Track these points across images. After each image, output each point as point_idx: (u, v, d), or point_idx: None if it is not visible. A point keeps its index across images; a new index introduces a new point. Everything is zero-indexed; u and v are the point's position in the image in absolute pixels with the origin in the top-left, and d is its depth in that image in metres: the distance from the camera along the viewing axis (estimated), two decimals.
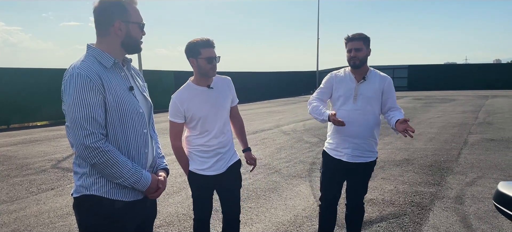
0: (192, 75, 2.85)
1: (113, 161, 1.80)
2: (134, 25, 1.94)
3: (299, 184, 5.55)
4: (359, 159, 3.09)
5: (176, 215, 4.43)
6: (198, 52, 2.62)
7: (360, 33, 3.04)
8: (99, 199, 1.87)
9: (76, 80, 1.75)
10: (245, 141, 3.09)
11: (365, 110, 3.05)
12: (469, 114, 14.00)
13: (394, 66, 37.43)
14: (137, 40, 1.97)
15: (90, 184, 1.86)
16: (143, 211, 2.06)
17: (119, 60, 1.95)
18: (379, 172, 6.12)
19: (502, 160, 6.78)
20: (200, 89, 2.73)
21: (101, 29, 1.91)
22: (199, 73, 2.69)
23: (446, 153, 7.47)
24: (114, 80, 1.87)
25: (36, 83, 14.69)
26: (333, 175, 3.23)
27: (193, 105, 2.68)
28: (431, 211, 4.38)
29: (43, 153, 8.39)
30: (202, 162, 2.78)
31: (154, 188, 2.00)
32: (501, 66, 40.72)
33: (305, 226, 4.07)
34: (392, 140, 8.96)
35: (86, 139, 1.75)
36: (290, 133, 10.41)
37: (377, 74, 3.14)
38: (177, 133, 2.77)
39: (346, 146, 3.10)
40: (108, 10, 1.88)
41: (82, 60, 1.85)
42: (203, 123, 2.71)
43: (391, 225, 4.01)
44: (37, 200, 5.10)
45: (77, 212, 1.94)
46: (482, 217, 4.15)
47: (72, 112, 1.75)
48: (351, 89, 3.08)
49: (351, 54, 3.02)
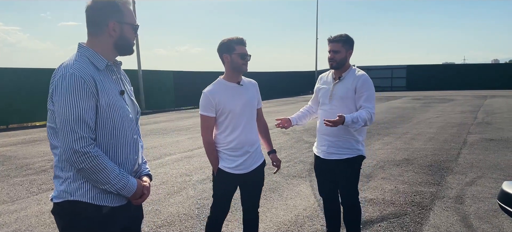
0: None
1: (101, 166, 1.73)
2: (128, 26, 1.90)
3: (300, 184, 5.56)
4: (333, 156, 3.21)
5: (177, 215, 4.44)
6: (233, 48, 2.75)
7: (341, 34, 3.14)
8: (84, 205, 1.79)
9: (69, 81, 1.69)
10: (270, 142, 3.20)
11: (340, 110, 3.09)
12: (468, 115, 14.03)
13: (393, 66, 37.50)
14: (130, 41, 1.94)
15: (74, 190, 1.79)
16: (127, 215, 1.98)
17: (111, 63, 1.91)
18: (379, 171, 6.14)
19: (501, 159, 6.80)
20: (231, 85, 2.84)
21: (94, 29, 1.86)
22: (231, 68, 2.80)
23: (445, 152, 7.49)
24: (106, 84, 1.82)
25: (35, 83, 14.67)
26: (319, 171, 3.43)
27: (224, 99, 2.79)
28: (432, 210, 4.39)
29: (42, 153, 8.38)
30: (232, 160, 2.85)
31: (139, 194, 1.94)
32: (499, 66, 40.86)
33: (306, 226, 4.08)
34: (391, 139, 8.98)
35: (75, 143, 1.68)
36: (290, 132, 10.42)
37: (353, 73, 3.18)
38: (208, 127, 2.85)
39: (322, 143, 3.30)
40: (103, 10, 1.84)
41: (74, 60, 1.78)
42: (232, 117, 2.80)
43: (392, 225, 4.03)
44: (38, 200, 5.10)
45: (59, 218, 1.87)
46: (483, 216, 4.17)
47: (62, 115, 1.68)
48: (328, 89, 3.24)
49: (330, 55, 3.17)
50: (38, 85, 14.74)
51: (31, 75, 14.77)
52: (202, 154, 7.86)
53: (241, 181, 2.92)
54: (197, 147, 8.71)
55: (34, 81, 14.67)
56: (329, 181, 3.38)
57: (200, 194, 5.20)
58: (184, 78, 21.92)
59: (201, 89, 2.95)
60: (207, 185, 5.58)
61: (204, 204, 4.78)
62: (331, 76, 3.30)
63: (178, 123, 13.89)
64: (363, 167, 6.27)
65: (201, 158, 7.52)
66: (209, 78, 10.04)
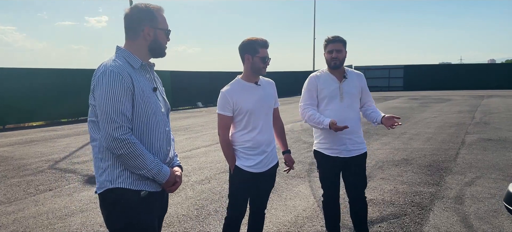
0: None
1: (138, 152, 1.91)
2: (161, 31, 2.09)
3: (299, 184, 5.54)
4: (355, 152, 3.30)
5: (176, 216, 4.41)
6: (256, 50, 2.78)
7: (339, 36, 3.26)
8: (123, 191, 1.98)
9: (109, 77, 1.89)
10: (286, 143, 3.23)
11: (352, 107, 3.29)
12: (465, 114, 14.06)
13: (390, 66, 37.57)
14: (163, 45, 2.13)
15: (115, 178, 1.97)
16: (162, 204, 2.20)
17: (145, 63, 2.10)
18: (378, 172, 6.13)
19: (500, 159, 6.81)
20: (249, 85, 2.86)
21: (131, 33, 2.07)
22: (251, 69, 2.83)
23: (444, 152, 7.49)
24: (141, 81, 2.02)
25: (31, 83, 14.59)
26: (331, 172, 3.38)
27: (242, 99, 2.81)
28: (432, 211, 4.38)
29: (40, 154, 8.33)
30: (248, 159, 2.86)
31: (172, 181, 2.10)
32: (495, 66, 40.98)
33: (306, 226, 4.07)
34: (390, 140, 8.98)
35: (115, 131, 1.87)
36: (288, 133, 10.40)
37: (353, 72, 3.39)
38: (225, 126, 2.87)
39: (342, 142, 3.27)
40: (139, 17, 2.04)
41: (113, 59, 1.99)
42: (249, 117, 2.82)
43: (392, 225, 4.01)
44: (35, 201, 5.06)
45: (103, 207, 2.05)
46: (483, 217, 4.16)
47: (103, 106, 1.88)
48: (336, 89, 3.25)
49: (332, 55, 3.21)
50: (34, 85, 14.68)
51: (27, 75, 14.66)
52: (200, 155, 7.84)
53: (255, 180, 2.92)
54: (195, 148, 8.68)
55: (30, 81, 14.59)
56: (336, 178, 3.41)
57: (198, 195, 5.18)
58: (182, 78, 21.80)
59: (198, 89, 2.96)
60: (206, 186, 5.56)
61: (203, 205, 4.76)
62: (330, 75, 3.30)
63: (175, 123, 13.84)
64: None
65: (200, 158, 7.50)
66: (207, 78, 10.21)
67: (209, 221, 4.26)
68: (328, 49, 3.23)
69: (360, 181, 3.41)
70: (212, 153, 7.97)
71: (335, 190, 3.42)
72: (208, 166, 6.84)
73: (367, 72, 36.90)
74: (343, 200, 3.71)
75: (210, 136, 10.29)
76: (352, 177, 3.39)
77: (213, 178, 6.03)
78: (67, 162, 7.43)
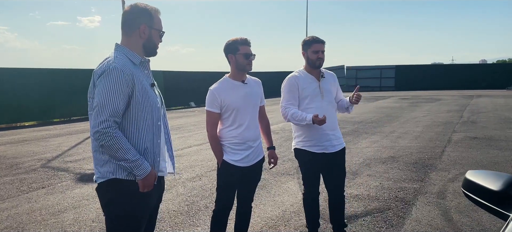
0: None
1: (118, 146, 2.02)
2: (156, 31, 2.23)
3: (287, 181, 5.67)
4: (339, 147, 3.47)
5: (167, 212, 4.52)
6: (237, 48, 2.92)
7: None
8: (125, 181, 2.12)
9: (112, 72, 2.01)
10: (271, 139, 3.38)
11: (332, 104, 3.49)
12: (454, 114, 14.30)
13: (382, 66, 37.85)
14: (156, 45, 2.26)
15: (116, 169, 2.10)
16: (158, 193, 2.38)
17: (144, 60, 2.23)
18: (365, 169, 6.28)
19: (483, 157, 7.00)
20: (236, 83, 3.00)
21: (127, 29, 2.18)
22: (236, 68, 2.97)
23: (430, 150, 7.67)
24: (140, 76, 2.14)
25: (23, 83, 14.58)
26: (315, 169, 3.50)
27: (229, 96, 2.94)
28: (414, 205, 4.54)
29: (32, 153, 8.39)
30: (235, 154, 3.00)
31: (152, 181, 2.18)
32: (486, 66, 41.51)
33: (292, 221, 4.20)
34: (378, 138, 9.15)
35: (101, 123, 1.99)
36: (279, 131, 10.54)
37: (327, 72, 3.57)
38: (213, 122, 3.01)
39: (327, 138, 3.39)
40: (137, 14, 2.17)
41: (115, 56, 2.10)
42: (236, 114, 2.97)
43: (376, 219, 4.16)
44: (28, 198, 5.14)
45: (102, 195, 2.17)
46: (463, 211, 4.33)
47: (99, 98, 2.00)
48: (316, 87, 3.40)
49: (318, 55, 3.34)
50: (26, 85, 14.66)
51: (19, 75, 14.65)
52: (191, 153, 7.95)
53: (242, 174, 3.05)
54: (187, 146, 8.79)
55: (22, 81, 14.58)
56: (319, 175, 3.53)
57: (189, 191, 5.29)
58: (175, 78, 21.84)
59: (191, 89, 3.10)
60: (196, 183, 5.68)
61: (193, 201, 4.87)
62: (308, 75, 3.41)
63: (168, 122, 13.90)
64: (350, 164, 6.44)
65: (191, 156, 7.60)
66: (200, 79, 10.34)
67: (199, 216, 4.38)
68: (313, 49, 3.32)
69: (343, 175, 3.56)
70: (204, 151, 8.08)
71: (317, 186, 3.53)
72: (200, 164, 6.95)
73: (359, 72, 37.18)
74: (321, 194, 3.82)
75: (202, 135, 10.40)
76: (336, 171, 3.51)
77: (204, 175, 6.15)
78: (60, 161, 7.50)
